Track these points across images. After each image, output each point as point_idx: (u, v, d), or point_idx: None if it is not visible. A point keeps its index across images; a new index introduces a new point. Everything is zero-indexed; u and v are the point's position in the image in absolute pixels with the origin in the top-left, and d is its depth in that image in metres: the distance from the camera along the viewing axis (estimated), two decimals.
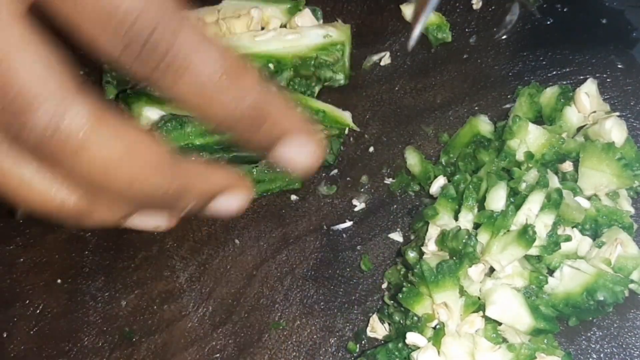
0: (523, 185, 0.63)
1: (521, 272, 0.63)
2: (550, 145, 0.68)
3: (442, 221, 0.66)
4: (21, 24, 0.46)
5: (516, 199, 0.63)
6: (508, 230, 0.61)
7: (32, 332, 0.71)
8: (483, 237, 0.62)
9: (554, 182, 0.64)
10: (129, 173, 0.47)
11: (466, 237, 0.61)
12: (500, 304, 0.60)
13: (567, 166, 0.68)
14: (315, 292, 0.70)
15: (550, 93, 0.71)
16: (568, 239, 0.62)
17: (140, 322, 0.70)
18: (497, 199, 0.63)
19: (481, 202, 0.64)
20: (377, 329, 0.67)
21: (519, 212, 0.61)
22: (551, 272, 0.64)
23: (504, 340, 0.62)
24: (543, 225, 0.61)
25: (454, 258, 0.62)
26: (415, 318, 0.63)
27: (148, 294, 0.72)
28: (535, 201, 0.61)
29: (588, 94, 0.70)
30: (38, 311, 0.72)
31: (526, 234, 0.59)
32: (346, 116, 0.76)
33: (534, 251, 0.61)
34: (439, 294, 0.61)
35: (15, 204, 0.58)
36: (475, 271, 0.61)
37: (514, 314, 0.60)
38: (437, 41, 0.79)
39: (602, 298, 0.60)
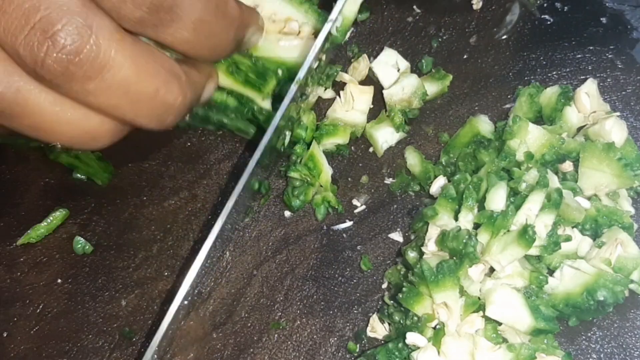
0: (523, 186, 0.63)
1: (521, 272, 0.63)
2: (551, 145, 0.68)
3: (442, 221, 0.66)
4: None
5: (516, 199, 0.63)
6: (508, 230, 0.61)
7: (32, 332, 0.71)
8: (483, 237, 0.62)
9: (554, 182, 0.64)
10: (153, 85, 0.54)
11: (466, 237, 0.61)
12: (500, 304, 0.60)
13: (567, 166, 0.68)
14: (316, 292, 0.70)
15: (550, 93, 0.71)
16: (568, 239, 0.62)
17: (140, 322, 0.70)
18: (497, 199, 0.63)
19: (481, 203, 0.64)
20: (377, 329, 0.67)
21: (519, 212, 0.61)
22: (551, 272, 0.64)
23: (504, 340, 0.62)
24: (543, 225, 0.61)
25: (454, 258, 0.62)
26: (415, 318, 0.63)
27: (148, 294, 0.72)
28: (535, 201, 0.61)
29: (588, 94, 0.70)
30: (38, 311, 0.72)
31: (526, 233, 0.59)
32: (328, 174, 0.75)
33: (534, 251, 0.61)
34: (439, 293, 0.61)
35: (52, 140, 0.60)
36: (475, 271, 0.61)
37: (514, 314, 0.61)
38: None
39: (602, 298, 0.60)
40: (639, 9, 0.80)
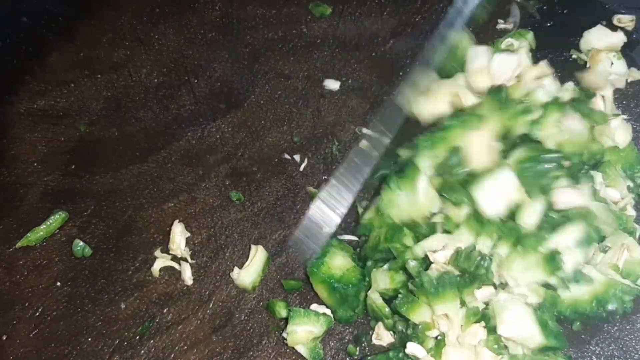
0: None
1: (536, 289, 0.62)
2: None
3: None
4: None
5: (549, 219, 0.61)
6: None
7: (31, 335, 0.71)
8: (503, 249, 0.61)
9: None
10: None
11: (479, 258, 0.60)
12: (511, 323, 0.59)
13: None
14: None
15: None
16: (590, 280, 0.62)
17: (140, 326, 0.70)
18: (532, 213, 0.62)
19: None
20: (383, 336, 0.66)
21: (552, 235, 0.60)
22: None
23: (506, 348, 0.61)
24: (573, 261, 0.61)
25: (465, 276, 0.61)
26: (416, 326, 0.62)
27: (148, 297, 0.72)
28: (571, 232, 0.61)
29: (604, 97, 0.70)
30: (37, 314, 0.72)
31: (553, 260, 0.58)
32: None
33: (552, 280, 0.61)
34: (439, 305, 0.60)
35: None
36: (482, 293, 0.61)
37: (525, 332, 0.59)
38: None
39: (613, 308, 0.60)
40: (639, 12, 0.80)
